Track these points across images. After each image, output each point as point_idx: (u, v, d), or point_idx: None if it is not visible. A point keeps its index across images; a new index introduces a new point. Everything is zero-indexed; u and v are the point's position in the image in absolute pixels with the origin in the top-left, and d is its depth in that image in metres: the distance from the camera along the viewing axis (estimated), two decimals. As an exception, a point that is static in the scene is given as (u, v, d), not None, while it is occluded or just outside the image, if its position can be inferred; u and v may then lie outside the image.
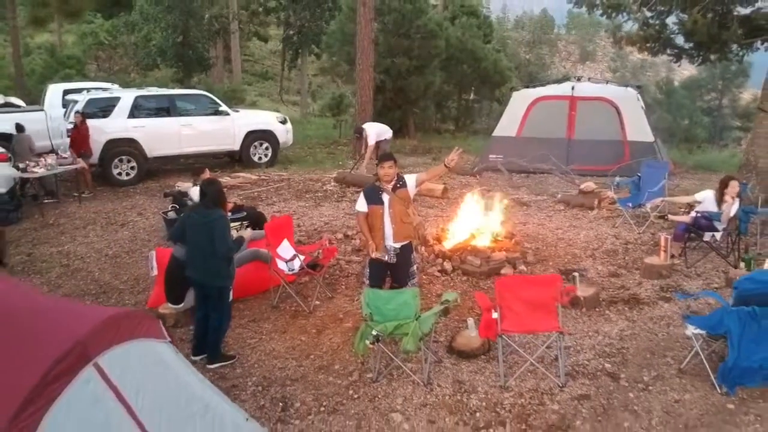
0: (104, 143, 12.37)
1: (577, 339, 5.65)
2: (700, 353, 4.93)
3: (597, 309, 6.25)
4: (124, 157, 12.64)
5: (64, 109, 13.83)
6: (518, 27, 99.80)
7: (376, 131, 13.15)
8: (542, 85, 15.44)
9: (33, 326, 3.22)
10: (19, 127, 11.81)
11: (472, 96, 24.53)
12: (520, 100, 14.20)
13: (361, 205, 5.72)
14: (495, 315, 4.91)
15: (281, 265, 6.51)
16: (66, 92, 14.87)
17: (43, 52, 29.20)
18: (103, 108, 12.67)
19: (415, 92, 19.24)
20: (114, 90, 14.67)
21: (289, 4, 27.24)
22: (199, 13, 23.78)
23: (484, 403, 4.69)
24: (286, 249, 6.65)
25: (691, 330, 4.94)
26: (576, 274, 6.50)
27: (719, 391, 4.73)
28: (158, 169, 13.63)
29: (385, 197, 5.56)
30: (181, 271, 5.97)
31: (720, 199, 7.15)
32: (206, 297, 5.40)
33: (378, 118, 15.82)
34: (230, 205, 8.38)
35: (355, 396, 4.88)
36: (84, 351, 3.05)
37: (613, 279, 7.10)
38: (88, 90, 13.99)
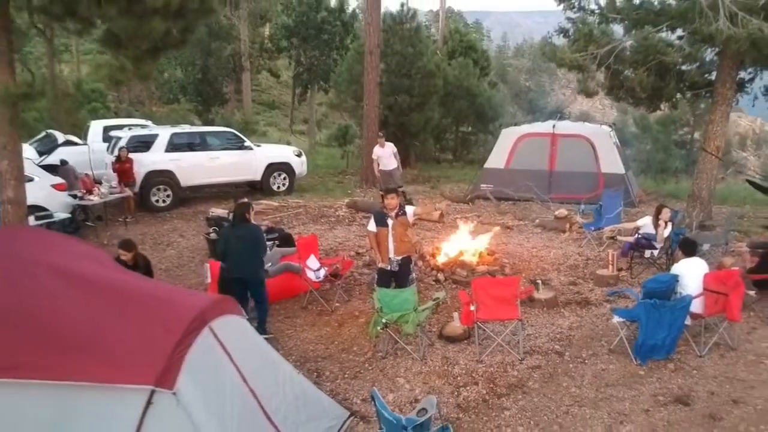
0: (144, 174, 14.22)
1: (536, 329, 7.45)
2: (623, 337, 6.72)
3: (555, 308, 8.05)
4: (161, 186, 14.50)
5: (106, 143, 15.72)
6: (518, 55, 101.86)
7: (394, 155, 14.59)
8: (528, 123, 17.39)
9: (163, 298, 4.98)
10: (63, 162, 13.79)
11: (469, 129, 26.45)
12: (508, 136, 16.08)
13: (372, 225, 7.58)
14: (472, 308, 6.70)
15: (310, 274, 8.31)
16: (106, 128, 16.79)
17: (68, 85, 31.19)
18: (144, 143, 14.53)
19: (416, 126, 21.17)
20: (152, 127, 16.55)
21: (300, 44, 29.47)
22: (217, 53, 25.86)
23: (463, 371, 6.46)
24: (313, 261, 8.45)
25: (616, 319, 6.75)
26: (539, 281, 8.31)
27: (635, 362, 6.50)
28: (189, 197, 15.46)
29: (389, 221, 7.39)
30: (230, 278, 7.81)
31: (656, 224, 8.99)
32: (248, 290, 7.17)
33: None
34: (266, 226, 10.29)
35: (370, 368, 6.64)
36: (203, 317, 4.81)
37: (571, 286, 8.90)
38: (130, 127, 15.88)
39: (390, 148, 14.53)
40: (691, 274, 6.73)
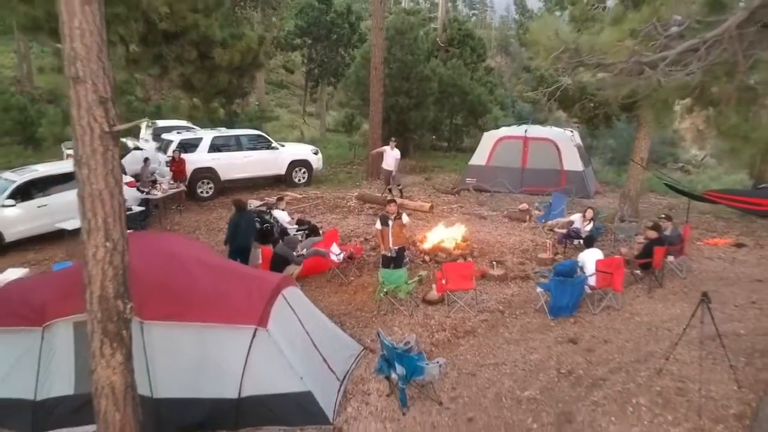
0: (192, 171, 17.55)
1: (489, 296, 10.87)
2: (543, 302, 10.14)
3: (504, 282, 11.46)
4: (205, 180, 17.86)
5: (156, 143, 19.03)
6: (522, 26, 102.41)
7: (396, 160, 17.62)
8: (507, 126, 20.66)
9: (254, 276, 8.37)
10: (146, 159, 17.11)
11: (461, 121, 29.62)
12: (489, 138, 19.40)
13: (378, 224, 10.98)
14: (444, 281, 10.12)
15: (333, 257, 11.70)
16: (155, 129, 20.10)
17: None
18: (191, 145, 17.84)
19: (414, 123, 24.41)
20: (196, 130, 19.83)
21: (312, 43, 32.55)
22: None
23: (437, 323, 9.86)
24: (335, 248, 11.86)
25: (538, 289, 10.18)
26: (494, 262, 11.73)
27: (549, 317, 9.91)
28: (227, 188, 18.78)
29: (390, 222, 10.79)
30: (280, 259, 11.20)
31: (583, 220, 12.38)
32: (245, 254, 10.82)
33: (385, 143, 20.17)
34: (296, 218, 13.65)
35: (375, 321, 10.04)
36: (278, 287, 8.17)
37: (520, 266, 12.29)
38: (179, 131, 19.15)
39: (396, 153, 17.60)
40: (589, 259, 10.14)
